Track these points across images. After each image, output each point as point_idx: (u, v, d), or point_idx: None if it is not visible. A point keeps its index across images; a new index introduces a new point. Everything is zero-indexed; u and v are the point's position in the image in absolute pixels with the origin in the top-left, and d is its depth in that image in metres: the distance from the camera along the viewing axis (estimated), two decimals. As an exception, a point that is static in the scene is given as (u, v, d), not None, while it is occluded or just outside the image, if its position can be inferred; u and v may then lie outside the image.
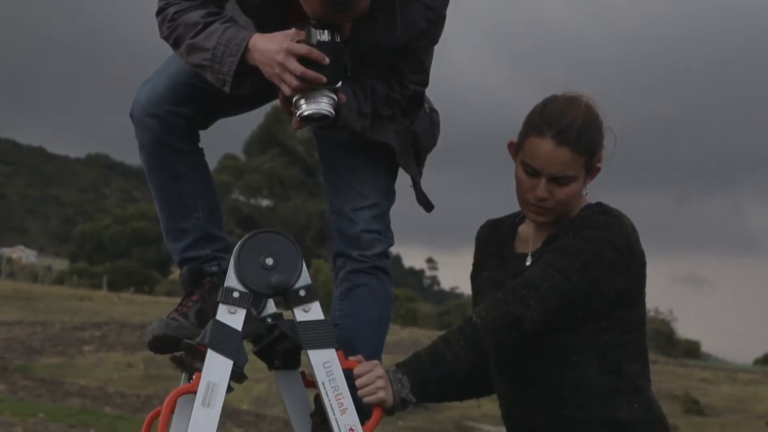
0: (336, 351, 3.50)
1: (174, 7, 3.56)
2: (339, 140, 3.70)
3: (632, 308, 3.48)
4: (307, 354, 3.51)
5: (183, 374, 3.71)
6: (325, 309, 3.57)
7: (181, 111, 3.69)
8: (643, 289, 3.52)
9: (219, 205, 3.87)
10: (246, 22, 3.60)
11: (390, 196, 3.75)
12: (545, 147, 3.43)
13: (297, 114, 3.49)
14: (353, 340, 3.64)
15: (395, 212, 3.80)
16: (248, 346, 3.63)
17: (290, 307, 3.54)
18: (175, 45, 3.58)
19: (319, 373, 3.48)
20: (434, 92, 3.83)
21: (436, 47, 3.68)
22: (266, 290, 3.52)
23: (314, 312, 3.53)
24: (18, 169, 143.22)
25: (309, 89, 3.46)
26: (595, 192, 3.59)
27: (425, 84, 3.72)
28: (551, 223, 3.54)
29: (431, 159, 3.86)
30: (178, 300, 3.82)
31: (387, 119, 3.66)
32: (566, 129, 3.42)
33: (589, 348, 3.45)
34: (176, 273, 3.83)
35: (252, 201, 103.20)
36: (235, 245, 3.54)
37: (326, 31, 3.39)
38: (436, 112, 3.84)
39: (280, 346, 3.66)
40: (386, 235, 3.72)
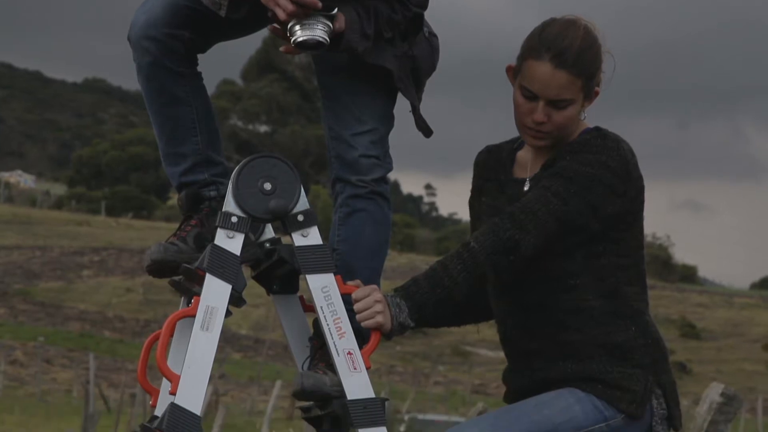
0: (334, 276, 3.51)
1: None
2: (338, 65, 3.68)
3: (630, 232, 3.49)
4: (306, 279, 3.51)
5: (182, 298, 3.72)
6: (324, 234, 3.57)
7: (179, 34, 3.67)
8: (641, 214, 3.52)
9: (218, 130, 3.85)
10: None
11: (389, 121, 3.74)
12: (543, 70, 3.42)
13: (292, 40, 3.46)
14: (352, 265, 3.64)
15: (393, 138, 3.79)
16: (247, 272, 3.64)
17: (288, 232, 3.55)
18: None
19: (318, 298, 3.49)
20: (433, 16, 3.81)
21: (436, -29, 3.65)
22: (264, 215, 3.52)
23: (312, 237, 3.53)
24: (14, 93, 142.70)
25: (304, 15, 3.43)
26: (594, 117, 3.58)
27: (425, 6, 3.69)
28: (549, 148, 3.53)
29: (430, 84, 3.84)
30: (177, 225, 3.82)
31: (386, 43, 3.64)
32: (564, 52, 3.41)
33: (587, 272, 3.46)
34: (175, 198, 3.83)
35: (250, 126, 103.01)
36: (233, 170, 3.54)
37: None
38: (436, 37, 3.82)
39: (279, 271, 3.67)
40: (385, 161, 3.71)
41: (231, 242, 3.48)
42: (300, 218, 3.53)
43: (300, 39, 3.45)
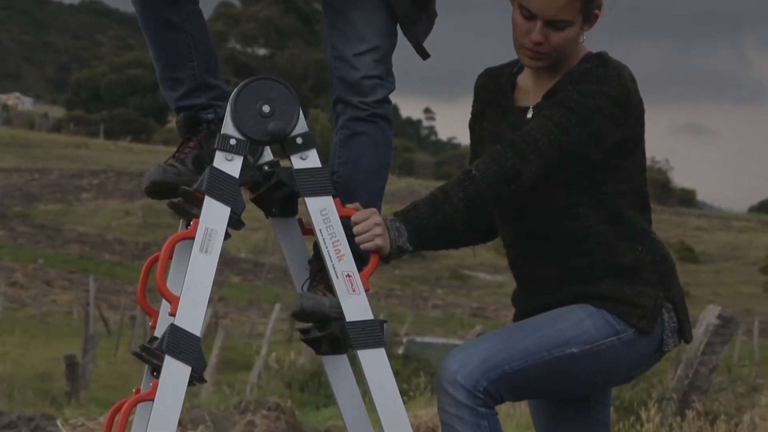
0: (333, 198, 3.51)
1: None
2: None
3: (631, 159, 3.49)
4: (305, 201, 3.52)
5: (181, 221, 3.73)
6: (323, 158, 3.57)
7: None
8: (642, 138, 3.52)
9: (215, 53, 3.83)
10: None
11: (392, 37, 3.70)
12: None
13: None
14: (352, 188, 3.64)
15: (393, 61, 3.76)
16: (246, 195, 3.64)
17: (287, 155, 3.54)
18: None
19: (317, 221, 3.50)
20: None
21: None
22: (263, 137, 3.51)
23: (311, 159, 3.53)
24: (11, 15, 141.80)
25: None
26: (595, 41, 3.56)
27: None
28: (550, 75, 3.52)
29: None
30: (175, 148, 3.81)
31: None
32: None
33: (589, 200, 3.46)
34: (173, 122, 3.81)
35: (248, 50, 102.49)
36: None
37: None
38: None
39: (278, 194, 3.67)
40: (387, 80, 3.69)
41: (230, 165, 3.48)
42: (299, 141, 3.53)
43: None
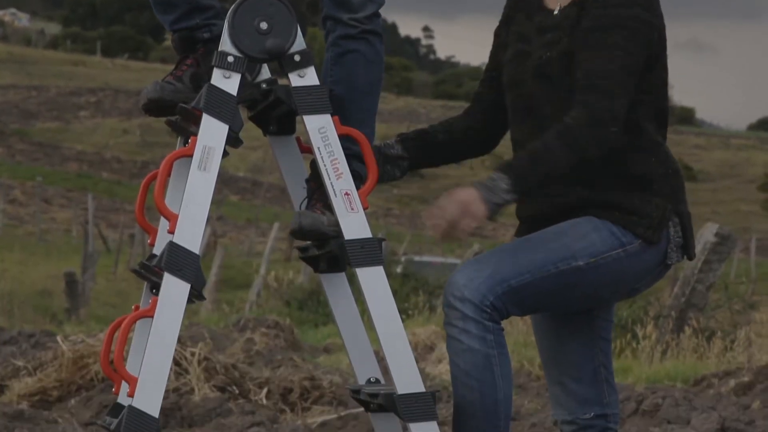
0: (331, 116, 3.50)
1: None
2: None
3: (655, 70, 3.51)
4: (303, 119, 3.51)
5: (179, 139, 3.72)
6: (321, 76, 3.55)
7: None
8: (665, 51, 3.54)
9: None
10: None
11: None
12: None
13: None
14: (346, 108, 3.62)
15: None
16: (244, 113, 3.63)
17: (285, 72, 3.52)
18: None
19: (315, 138, 3.49)
20: None
21: None
22: (261, 54, 3.49)
23: (309, 77, 3.51)
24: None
25: None
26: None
27: None
28: None
29: None
30: (173, 66, 3.79)
31: None
32: None
33: None
34: (170, 39, 3.79)
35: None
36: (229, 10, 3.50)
37: None
38: None
39: (275, 112, 3.66)
40: None
41: (227, 82, 3.47)
42: (297, 58, 3.51)
43: None
